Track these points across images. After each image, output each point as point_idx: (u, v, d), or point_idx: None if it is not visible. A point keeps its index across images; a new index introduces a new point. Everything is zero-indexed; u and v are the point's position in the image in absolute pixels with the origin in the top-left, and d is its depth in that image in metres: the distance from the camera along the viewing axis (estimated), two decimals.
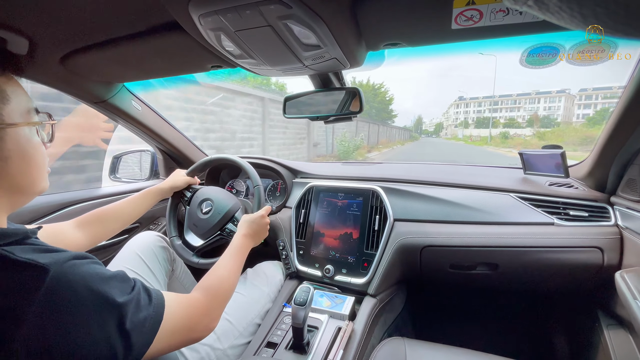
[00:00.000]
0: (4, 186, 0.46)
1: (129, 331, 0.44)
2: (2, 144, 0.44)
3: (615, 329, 0.97)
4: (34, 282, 0.38)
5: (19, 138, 0.46)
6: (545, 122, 41.28)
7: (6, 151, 0.44)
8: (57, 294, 0.39)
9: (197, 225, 1.11)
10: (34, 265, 0.39)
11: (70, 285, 0.40)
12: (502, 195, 1.09)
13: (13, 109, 0.45)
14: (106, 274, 0.46)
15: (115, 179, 1.57)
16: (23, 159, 0.47)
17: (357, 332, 0.90)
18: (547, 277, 1.04)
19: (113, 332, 0.43)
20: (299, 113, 0.99)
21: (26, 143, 0.47)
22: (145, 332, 0.47)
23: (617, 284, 0.80)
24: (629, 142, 0.84)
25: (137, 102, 1.24)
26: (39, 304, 0.38)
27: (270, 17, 0.55)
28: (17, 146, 0.45)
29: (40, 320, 0.37)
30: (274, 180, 1.47)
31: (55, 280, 0.39)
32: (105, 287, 0.43)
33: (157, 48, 0.76)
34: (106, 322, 0.42)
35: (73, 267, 0.42)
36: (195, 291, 0.64)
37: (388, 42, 0.71)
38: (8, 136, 0.44)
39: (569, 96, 41.47)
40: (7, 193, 0.47)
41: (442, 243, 1.04)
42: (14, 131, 0.45)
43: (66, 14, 0.62)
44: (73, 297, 0.40)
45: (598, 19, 0.15)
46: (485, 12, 0.56)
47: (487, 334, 1.40)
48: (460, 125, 58.60)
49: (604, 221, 0.97)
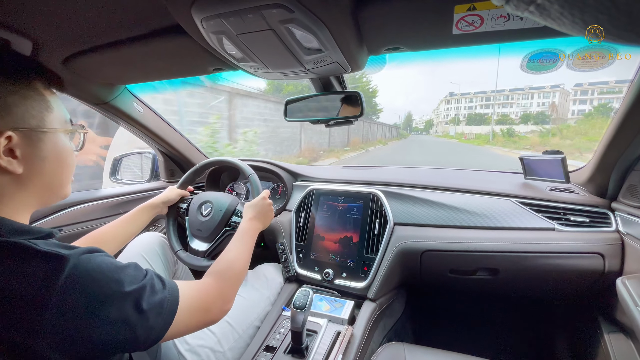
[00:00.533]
0: (37, 185, 0.51)
1: (147, 312, 0.47)
2: (43, 145, 0.50)
3: (617, 336, 0.96)
4: (55, 270, 0.42)
5: (57, 142, 0.53)
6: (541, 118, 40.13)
7: (45, 152, 0.51)
8: (77, 281, 0.42)
9: (200, 229, 1.11)
10: (55, 254, 0.43)
11: (88, 273, 0.43)
12: (503, 200, 1.08)
13: (55, 117, 0.53)
14: (119, 263, 0.49)
15: (115, 180, 1.57)
16: (58, 161, 0.53)
17: (357, 336, 0.89)
18: (547, 283, 1.04)
19: (131, 314, 0.46)
20: (299, 116, 0.99)
21: (62, 148, 0.54)
22: (163, 314, 0.50)
23: (619, 290, 0.80)
24: (630, 148, 0.84)
25: (139, 104, 1.24)
26: (60, 290, 0.41)
27: (272, 21, 0.55)
28: (54, 149, 0.52)
29: (62, 305, 0.40)
30: (274, 183, 1.47)
31: (74, 269, 0.42)
32: (120, 274, 0.47)
33: (159, 51, 0.77)
34: (123, 305, 0.45)
35: (90, 258, 0.45)
36: (206, 276, 0.67)
37: (389, 47, 0.71)
38: (48, 139, 0.51)
39: (563, 91, 40.68)
40: (40, 191, 0.52)
41: (443, 247, 1.03)
42: (54, 136, 0.52)
43: (70, 16, 0.62)
44: (91, 284, 0.43)
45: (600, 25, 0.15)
46: (486, 17, 0.56)
47: (487, 340, 1.39)
48: (452, 122, 57.64)
49: (605, 227, 0.97)
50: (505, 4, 0.19)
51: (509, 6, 0.19)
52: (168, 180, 1.62)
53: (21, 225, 0.47)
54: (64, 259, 0.42)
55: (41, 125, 0.50)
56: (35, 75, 0.51)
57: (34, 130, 0.49)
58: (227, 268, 0.70)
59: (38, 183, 0.51)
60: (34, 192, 0.51)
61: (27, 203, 0.51)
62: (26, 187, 0.50)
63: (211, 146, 5.35)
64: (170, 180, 1.61)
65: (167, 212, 1.14)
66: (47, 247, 0.44)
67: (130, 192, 1.42)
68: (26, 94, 0.48)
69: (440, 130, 57.87)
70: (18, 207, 0.49)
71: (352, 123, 0.97)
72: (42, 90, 0.51)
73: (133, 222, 0.95)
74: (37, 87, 0.50)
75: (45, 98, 0.51)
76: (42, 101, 0.50)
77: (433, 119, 69.09)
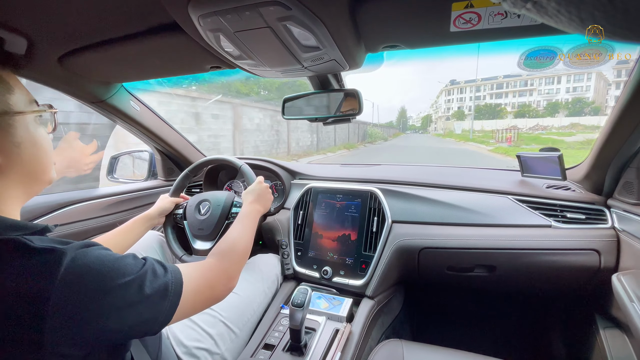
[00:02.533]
0: (18, 172, 0.49)
1: (152, 296, 0.47)
2: (14, 130, 0.47)
3: (612, 331, 0.97)
4: (54, 264, 0.41)
5: (28, 125, 0.50)
6: (578, 107, 32.11)
7: (18, 137, 0.48)
8: (76, 274, 0.42)
9: (202, 228, 1.11)
10: (52, 249, 0.42)
11: (86, 264, 0.43)
12: (500, 198, 1.09)
13: (18, 99, 0.49)
14: (117, 255, 0.48)
15: (113, 179, 1.56)
16: (34, 146, 0.50)
17: (355, 334, 0.90)
18: (544, 279, 1.04)
19: (136, 300, 0.45)
20: (297, 114, 0.99)
21: (34, 130, 0.51)
22: (169, 296, 0.50)
23: (614, 286, 0.81)
24: (626, 145, 0.85)
25: (136, 102, 1.23)
26: (59, 284, 0.40)
27: (270, 18, 0.55)
28: (27, 133, 0.49)
29: (63, 300, 0.40)
30: (272, 182, 1.47)
31: (72, 262, 0.42)
32: (119, 263, 0.46)
33: (156, 48, 0.76)
34: (127, 292, 0.45)
35: (87, 251, 0.45)
36: (210, 257, 0.67)
37: (387, 44, 0.71)
38: (17, 123, 0.48)
39: (600, 73, 31.81)
40: (23, 180, 0.50)
41: (440, 245, 1.04)
42: (22, 119, 0.49)
43: (65, 14, 0.61)
44: (91, 275, 0.43)
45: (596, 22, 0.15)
46: (483, 15, 0.56)
47: (485, 336, 1.40)
48: (455, 116, 48.14)
49: (600, 224, 0.98)
50: (502, 1, 0.19)
51: (506, 3, 0.19)
52: (166, 178, 1.61)
53: (14, 221, 0.46)
54: (61, 253, 0.42)
55: (7, 109, 0.47)
56: None
57: (1, 116, 0.46)
58: (230, 248, 0.70)
59: (19, 171, 0.49)
60: (17, 182, 0.49)
61: (13, 195, 0.49)
62: (8, 177, 0.48)
63: None
64: (168, 179, 1.61)
65: (164, 221, 1.13)
66: (43, 243, 0.43)
67: (128, 190, 1.42)
68: None
69: (441, 127, 48.73)
70: (6, 201, 0.48)
71: (350, 121, 0.97)
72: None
73: (130, 233, 0.95)
74: None
75: (3, 79, 0.48)
76: (2, 83, 0.48)
77: (432, 114, 60.69)
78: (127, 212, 1.38)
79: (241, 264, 0.70)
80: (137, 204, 1.43)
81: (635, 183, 0.87)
